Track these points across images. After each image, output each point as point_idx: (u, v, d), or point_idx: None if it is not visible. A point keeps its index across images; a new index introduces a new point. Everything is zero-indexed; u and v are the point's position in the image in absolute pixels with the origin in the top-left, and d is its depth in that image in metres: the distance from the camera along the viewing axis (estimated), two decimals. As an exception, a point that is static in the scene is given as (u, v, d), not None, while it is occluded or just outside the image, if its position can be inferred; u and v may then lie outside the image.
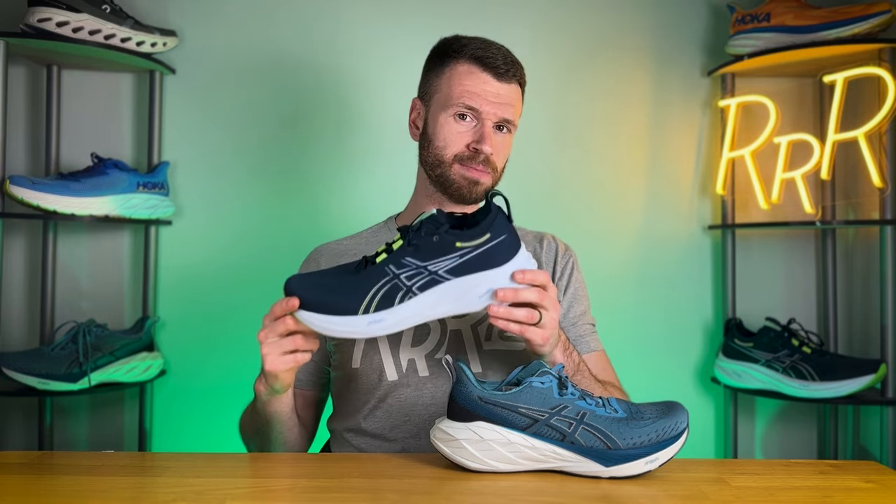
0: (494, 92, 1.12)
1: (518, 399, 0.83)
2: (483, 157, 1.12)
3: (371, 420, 1.10)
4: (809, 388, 1.74)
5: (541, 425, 0.83)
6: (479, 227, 0.87)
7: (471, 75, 1.12)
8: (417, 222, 0.89)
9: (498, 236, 0.88)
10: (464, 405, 0.84)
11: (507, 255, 0.88)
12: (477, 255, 0.87)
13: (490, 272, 0.88)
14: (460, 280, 0.87)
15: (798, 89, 1.99)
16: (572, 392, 0.85)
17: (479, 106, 1.11)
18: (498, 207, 0.89)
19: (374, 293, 0.86)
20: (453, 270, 0.87)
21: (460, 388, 0.85)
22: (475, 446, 0.84)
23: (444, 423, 0.86)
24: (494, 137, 1.13)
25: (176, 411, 1.91)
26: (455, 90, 1.12)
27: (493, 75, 1.12)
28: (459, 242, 0.87)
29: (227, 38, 1.93)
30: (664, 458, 0.84)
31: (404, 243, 0.88)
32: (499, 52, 1.13)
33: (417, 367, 1.10)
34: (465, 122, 1.13)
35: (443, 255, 0.87)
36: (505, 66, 1.12)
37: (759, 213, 1.94)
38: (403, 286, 0.86)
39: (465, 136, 1.12)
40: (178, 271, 1.91)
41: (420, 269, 0.86)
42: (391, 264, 0.87)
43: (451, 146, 1.13)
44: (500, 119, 1.13)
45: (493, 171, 1.14)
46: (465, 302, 0.88)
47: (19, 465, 0.90)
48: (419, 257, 0.87)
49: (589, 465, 0.83)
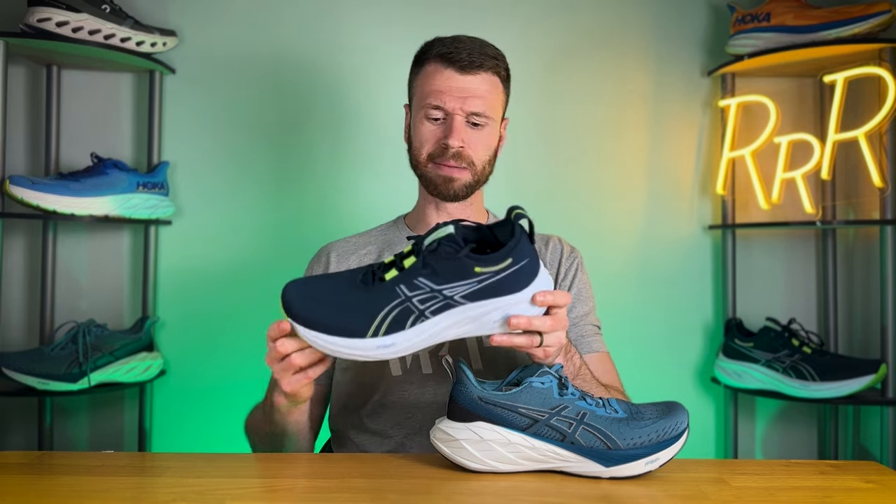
0: (459, 86, 1.11)
1: (518, 399, 0.83)
2: (452, 151, 1.11)
3: (374, 417, 1.10)
4: (810, 389, 1.74)
5: (541, 425, 0.83)
6: (500, 253, 0.81)
7: (436, 74, 1.13)
8: (434, 241, 0.82)
9: (520, 261, 0.81)
10: (464, 405, 0.84)
11: (526, 281, 0.83)
12: (497, 281, 0.81)
13: (508, 298, 0.82)
14: (476, 304, 0.81)
15: (798, 89, 1.99)
16: (572, 392, 0.85)
17: (443, 103, 1.11)
18: (522, 230, 0.83)
19: (385, 316, 0.81)
20: (470, 296, 0.81)
21: (460, 389, 0.85)
22: (475, 446, 0.84)
23: (443, 423, 0.86)
24: (467, 132, 1.12)
25: (176, 411, 1.91)
26: (424, 90, 1.14)
27: (456, 70, 1.11)
28: (479, 268, 0.80)
29: (227, 38, 1.93)
30: (664, 459, 0.84)
31: (417, 262, 0.81)
32: (464, 46, 1.12)
33: (421, 365, 1.10)
34: (436, 122, 1.13)
35: (460, 280, 0.80)
36: (469, 58, 1.11)
37: (760, 213, 1.94)
38: (416, 310, 0.81)
39: (437, 133, 1.13)
40: (178, 271, 1.91)
41: (435, 294, 0.80)
42: (403, 285, 0.81)
43: (424, 146, 1.14)
44: (468, 112, 1.12)
45: (470, 166, 1.13)
46: (478, 325, 0.83)
47: (19, 465, 0.90)
48: (434, 280, 0.80)
49: (589, 466, 0.83)
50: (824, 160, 1.79)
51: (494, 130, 1.16)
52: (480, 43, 1.15)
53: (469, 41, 1.14)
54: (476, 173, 1.14)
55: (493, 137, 1.16)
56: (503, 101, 1.18)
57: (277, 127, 1.94)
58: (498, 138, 1.19)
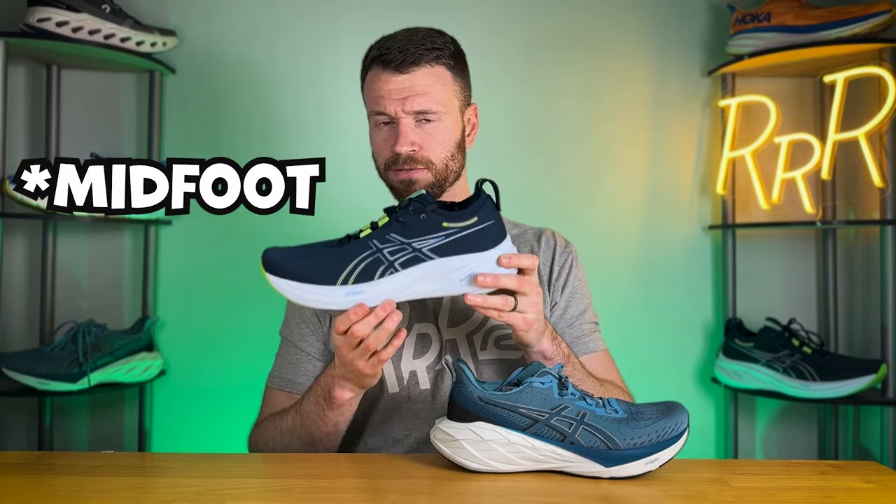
0: (396, 87, 1.07)
1: (518, 399, 0.83)
2: (403, 157, 1.07)
3: (373, 435, 1.09)
4: (810, 389, 1.74)
5: (541, 426, 0.83)
6: (467, 210, 0.88)
7: (375, 79, 1.09)
8: (406, 200, 0.89)
9: (485, 221, 0.88)
10: (464, 405, 0.84)
11: (492, 242, 0.88)
12: (462, 238, 0.87)
13: (474, 255, 0.88)
14: (444, 260, 0.87)
15: (798, 89, 1.99)
16: (572, 392, 0.85)
17: (384, 108, 1.08)
18: (487, 194, 0.89)
19: (356, 265, 0.85)
20: (437, 250, 0.87)
21: (460, 389, 0.85)
22: (475, 447, 0.84)
23: (444, 423, 0.86)
24: (417, 132, 1.08)
25: (176, 411, 1.91)
26: (368, 98, 1.12)
27: (391, 71, 1.07)
28: (446, 223, 0.87)
29: (227, 38, 1.93)
30: (665, 459, 0.84)
31: (391, 219, 0.88)
32: (396, 44, 1.08)
33: (419, 380, 1.09)
34: (385, 128, 1.10)
35: (429, 234, 0.86)
36: (402, 56, 1.06)
37: (760, 213, 1.93)
38: (386, 261, 0.86)
39: (389, 140, 1.09)
40: (178, 271, 1.91)
41: (404, 245, 0.86)
42: (375, 239, 0.87)
43: (380, 155, 1.12)
44: (411, 112, 1.07)
45: (429, 166, 1.08)
46: (445, 283, 0.88)
47: (19, 465, 0.90)
48: (404, 234, 0.87)
49: (589, 466, 0.83)
50: (824, 160, 1.79)
51: (451, 122, 1.10)
52: (419, 36, 1.09)
53: (404, 37, 1.09)
54: (437, 171, 1.09)
55: (451, 130, 1.10)
56: (456, 90, 1.11)
57: (277, 127, 1.94)
58: (460, 129, 1.12)
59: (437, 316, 1.11)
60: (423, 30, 1.12)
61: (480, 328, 1.10)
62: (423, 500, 0.79)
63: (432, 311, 1.11)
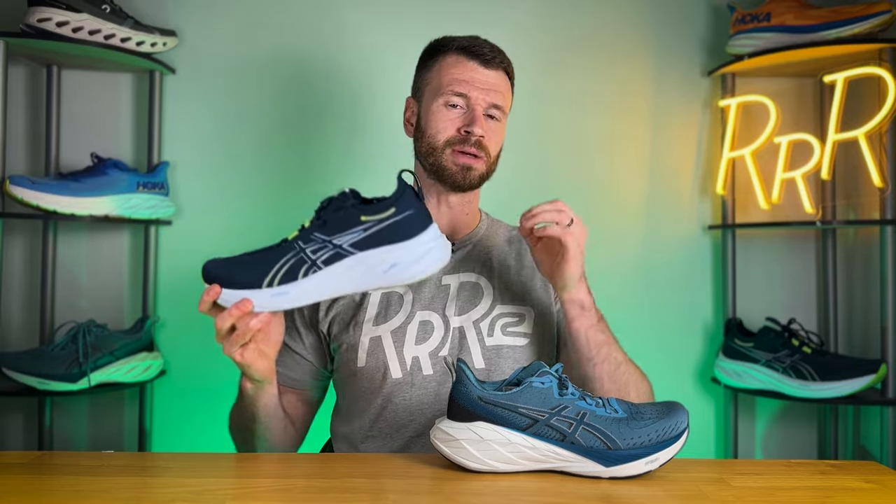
0: (482, 79, 1.14)
1: (518, 399, 0.83)
2: (475, 139, 1.12)
3: (378, 421, 1.10)
4: (810, 388, 1.74)
5: (541, 425, 0.83)
6: (384, 202, 0.88)
7: (458, 64, 1.15)
8: (327, 198, 0.90)
9: (404, 211, 0.87)
10: (464, 405, 0.84)
11: (414, 230, 0.87)
12: (381, 229, 0.87)
13: (395, 246, 0.87)
14: (364, 254, 0.87)
15: (798, 89, 1.99)
16: (572, 392, 0.85)
17: (467, 92, 1.13)
18: (405, 183, 0.89)
19: (280, 267, 0.87)
20: (358, 244, 0.87)
21: (460, 389, 0.85)
22: (475, 446, 0.84)
23: (444, 423, 0.86)
24: (486, 123, 1.14)
25: (176, 411, 1.91)
26: (444, 79, 1.15)
27: (479, 63, 1.14)
28: (364, 216, 0.87)
29: (227, 38, 1.93)
30: (664, 459, 0.84)
31: (314, 219, 0.89)
32: (485, 43, 1.16)
33: (422, 366, 1.10)
34: (455, 109, 1.14)
35: (348, 229, 0.87)
36: (491, 53, 1.15)
37: (760, 213, 1.94)
38: (308, 260, 0.87)
39: (456, 121, 1.14)
40: (178, 271, 1.91)
41: (325, 243, 0.87)
42: (300, 240, 0.88)
43: (442, 132, 1.14)
44: (490, 104, 1.14)
45: (487, 156, 1.15)
46: (369, 277, 0.88)
47: (19, 465, 0.90)
48: (325, 231, 0.87)
49: (589, 466, 0.83)
50: (824, 160, 1.79)
51: (504, 127, 1.19)
52: (493, 43, 1.18)
53: (484, 40, 1.18)
54: (489, 164, 1.16)
55: (503, 134, 1.19)
56: (511, 102, 1.20)
57: (277, 127, 1.94)
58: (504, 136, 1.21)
59: (444, 305, 1.13)
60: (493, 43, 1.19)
61: (487, 315, 1.12)
62: (423, 500, 0.79)
63: (438, 299, 1.14)
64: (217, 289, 0.89)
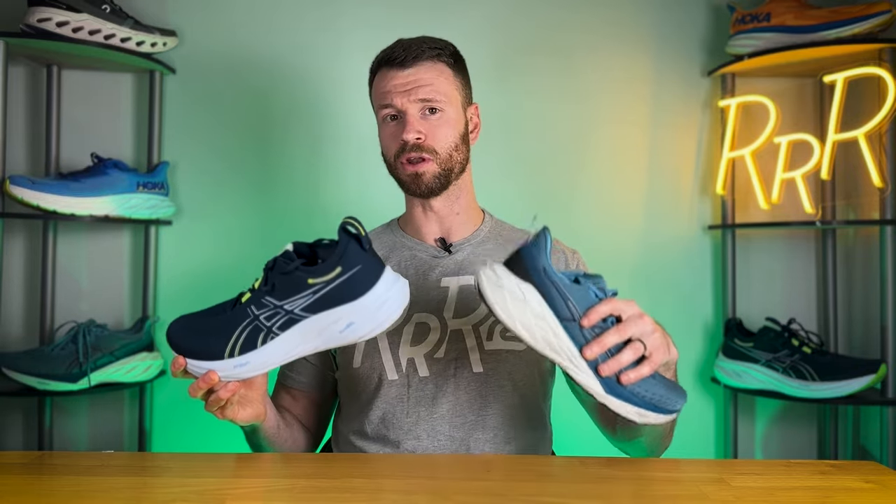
0: (401, 81, 1.12)
1: (573, 293, 0.85)
2: (410, 144, 1.11)
3: (373, 422, 1.10)
4: (809, 389, 1.74)
5: (575, 325, 0.85)
6: (328, 263, 0.84)
7: (382, 78, 1.15)
8: (272, 260, 0.87)
9: (351, 268, 0.84)
10: (527, 266, 0.85)
11: (364, 287, 0.85)
12: (331, 291, 0.84)
13: (347, 306, 0.85)
14: (317, 317, 0.85)
15: (798, 89, 1.99)
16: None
17: (391, 101, 1.13)
18: (348, 238, 0.85)
19: (238, 336, 0.86)
20: (309, 308, 0.85)
21: (533, 251, 0.85)
22: (514, 302, 0.84)
23: (499, 267, 0.86)
24: (423, 122, 1.12)
25: (176, 411, 1.91)
26: (376, 98, 1.17)
27: (394, 67, 1.13)
28: (311, 279, 0.84)
29: (227, 38, 1.93)
30: (653, 421, 0.86)
31: (261, 282, 0.87)
32: (401, 45, 1.14)
33: (417, 367, 1.09)
34: (392, 122, 1.15)
35: (297, 294, 0.85)
36: (404, 52, 1.12)
37: (759, 213, 1.94)
38: (264, 327, 0.86)
39: (396, 134, 1.14)
40: (178, 271, 1.91)
41: (277, 309, 0.85)
42: (253, 305, 0.86)
43: (389, 148, 1.15)
44: (416, 101, 1.11)
45: (433, 155, 1.12)
46: (326, 337, 0.87)
47: (19, 465, 0.90)
48: (276, 296, 0.85)
49: (592, 382, 0.85)
50: (824, 160, 1.79)
51: (454, 114, 1.14)
52: (422, 39, 1.15)
53: (409, 40, 1.15)
54: (442, 161, 1.12)
55: (454, 122, 1.14)
56: (457, 86, 1.16)
57: (278, 127, 1.94)
58: (463, 123, 1.16)
59: (442, 307, 1.12)
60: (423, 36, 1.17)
61: (486, 319, 1.12)
62: (423, 500, 0.79)
63: (435, 302, 1.13)
64: (182, 360, 0.89)
